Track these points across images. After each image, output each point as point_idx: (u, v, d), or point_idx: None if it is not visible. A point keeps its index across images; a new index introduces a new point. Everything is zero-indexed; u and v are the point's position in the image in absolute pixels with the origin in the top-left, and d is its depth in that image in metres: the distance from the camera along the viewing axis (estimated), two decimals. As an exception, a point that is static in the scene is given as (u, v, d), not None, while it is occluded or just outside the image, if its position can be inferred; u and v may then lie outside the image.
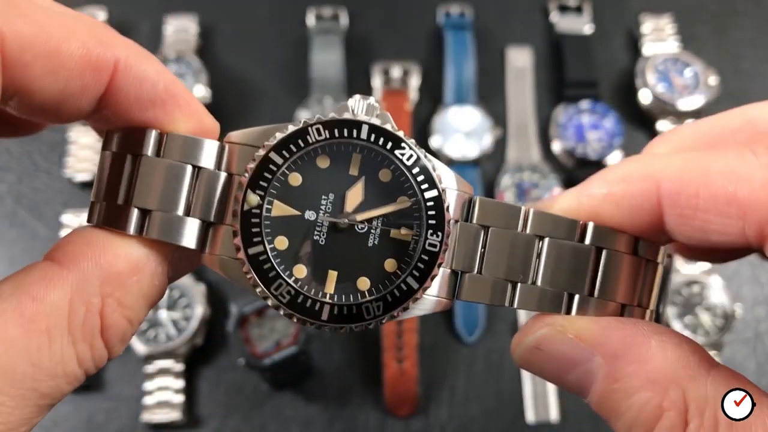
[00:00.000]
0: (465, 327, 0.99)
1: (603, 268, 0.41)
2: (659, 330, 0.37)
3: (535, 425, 0.95)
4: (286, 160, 0.39)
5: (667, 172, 0.36)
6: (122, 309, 0.35)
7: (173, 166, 0.38)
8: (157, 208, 0.38)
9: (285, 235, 0.39)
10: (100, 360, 0.36)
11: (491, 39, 1.18)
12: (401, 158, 0.40)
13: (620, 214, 0.39)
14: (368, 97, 0.41)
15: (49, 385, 0.33)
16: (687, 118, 1.10)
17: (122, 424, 0.94)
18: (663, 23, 1.18)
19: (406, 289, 0.40)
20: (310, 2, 1.17)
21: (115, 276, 0.35)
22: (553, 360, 0.39)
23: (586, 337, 0.38)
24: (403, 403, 0.94)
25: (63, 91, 0.34)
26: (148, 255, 0.37)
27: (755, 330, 1.01)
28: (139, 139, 0.38)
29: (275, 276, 0.39)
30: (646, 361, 0.35)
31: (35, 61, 0.33)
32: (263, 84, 1.15)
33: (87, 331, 0.34)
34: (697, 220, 0.35)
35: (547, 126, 1.12)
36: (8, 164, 1.07)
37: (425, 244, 0.39)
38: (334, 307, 0.39)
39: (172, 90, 0.38)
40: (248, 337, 0.91)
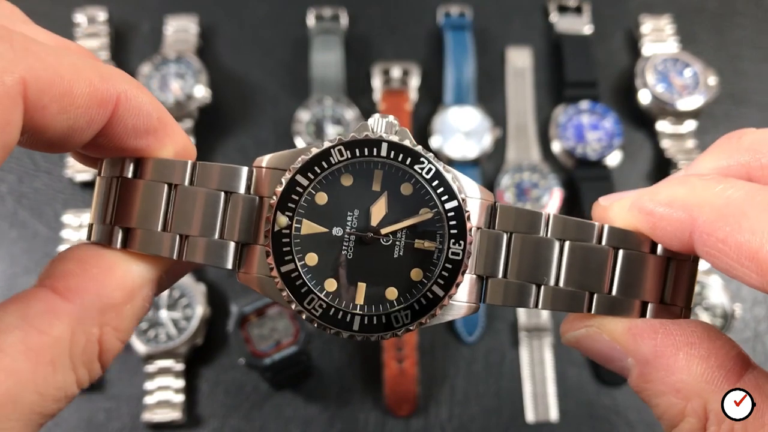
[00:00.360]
0: (465, 327, 0.99)
1: (621, 267, 0.42)
2: (690, 341, 0.38)
3: (535, 425, 0.95)
4: (311, 181, 0.41)
5: (705, 208, 0.37)
6: (117, 333, 0.38)
7: (210, 194, 0.41)
8: (195, 233, 0.41)
9: (315, 252, 0.42)
10: (95, 378, 0.38)
11: (491, 39, 1.19)
12: (421, 172, 0.42)
13: (656, 235, 0.41)
14: (387, 116, 0.43)
15: (51, 408, 0.35)
16: (686, 119, 1.10)
17: (123, 423, 0.94)
18: (662, 23, 1.18)
19: (432, 297, 0.41)
20: (310, 2, 1.17)
21: (113, 307, 0.37)
22: (592, 354, 0.43)
23: (620, 341, 0.41)
24: (403, 402, 0.94)
25: (72, 126, 0.37)
26: (143, 281, 0.39)
27: (755, 330, 1.01)
28: (175, 169, 0.41)
29: (307, 291, 0.41)
30: (672, 372, 0.38)
31: (51, 103, 0.35)
32: (263, 84, 1.15)
33: (87, 358, 0.36)
34: (722, 263, 0.36)
35: (547, 126, 1.12)
36: (9, 164, 1.07)
37: (448, 253, 0.41)
38: (364, 318, 0.41)
39: (164, 119, 0.41)
40: (248, 336, 0.91)
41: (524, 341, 0.99)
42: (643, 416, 0.95)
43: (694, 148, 1.09)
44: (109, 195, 0.42)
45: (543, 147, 1.11)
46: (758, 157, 0.40)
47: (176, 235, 0.41)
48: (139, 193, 0.41)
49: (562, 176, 1.08)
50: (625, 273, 0.42)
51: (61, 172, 1.06)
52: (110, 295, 0.37)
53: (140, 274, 0.40)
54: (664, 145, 1.09)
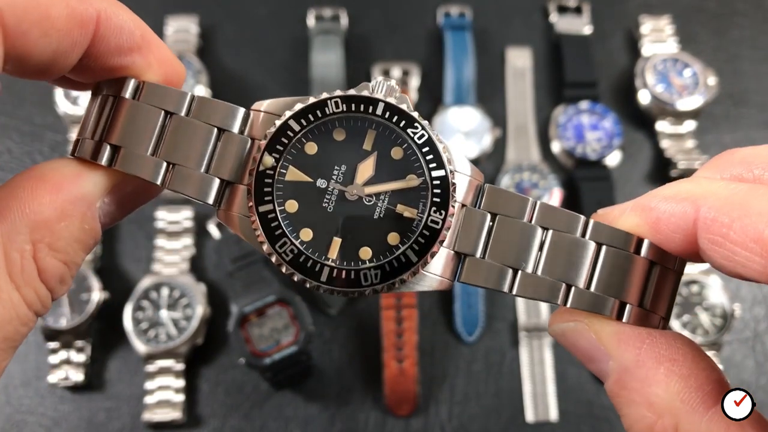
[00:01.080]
0: (465, 327, 0.99)
1: (602, 263, 0.42)
2: (674, 357, 0.38)
3: (535, 424, 0.96)
4: (303, 128, 0.42)
5: (710, 198, 0.37)
6: (55, 252, 0.37)
7: (203, 128, 0.42)
8: (182, 164, 0.41)
9: (296, 200, 0.42)
10: (45, 300, 0.38)
11: (491, 39, 1.19)
12: (413, 137, 0.42)
13: (659, 230, 0.40)
14: (390, 79, 0.43)
15: (7, 329, 0.36)
16: (686, 119, 1.10)
17: (123, 423, 0.94)
18: (662, 24, 1.18)
19: (405, 261, 0.41)
20: (310, 3, 1.17)
21: (43, 223, 0.37)
22: (575, 349, 0.42)
23: (605, 342, 0.40)
24: (403, 402, 0.94)
25: (56, 50, 0.37)
26: (73, 198, 0.39)
27: (754, 330, 1.01)
28: (174, 98, 0.42)
29: (281, 234, 0.41)
30: (650, 384, 0.37)
31: (31, 28, 0.35)
32: (263, 84, 1.15)
33: (27, 276, 0.37)
34: (725, 249, 0.36)
35: (547, 126, 1.12)
36: (9, 164, 1.08)
37: (428, 221, 0.41)
38: (333, 270, 0.41)
39: (147, 37, 0.41)
40: (248, 336, 0.91)
41: (524, 341, 0.99)
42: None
43: (694, 148, 1.09)
44: (102, 112, 0.42)
45: (543, 147, 1.11)
46: (751, 168, 0.39)
47: (163, 162, 0.41)
48: (134, 113, 0.41)
49: (562, 176, 1.08)
50: (605, 270, 0.42)
51: (61, 172, 1.06)
52: (36, 210, 0.37)
53: (71, 193, 0.39)
54: (663, 145, 1.10)
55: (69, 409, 0.95)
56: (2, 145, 1.09)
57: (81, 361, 0.95)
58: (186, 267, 1.00)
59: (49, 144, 1.09)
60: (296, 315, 0.92)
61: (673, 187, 0.40)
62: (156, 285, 0.97)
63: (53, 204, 0.37)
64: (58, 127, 1.09)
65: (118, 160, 0.40)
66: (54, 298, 0.39)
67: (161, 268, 1.00)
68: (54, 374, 0.94)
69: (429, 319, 1.00)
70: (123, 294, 0.97)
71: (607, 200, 1.06)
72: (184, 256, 1.01)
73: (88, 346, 0.96)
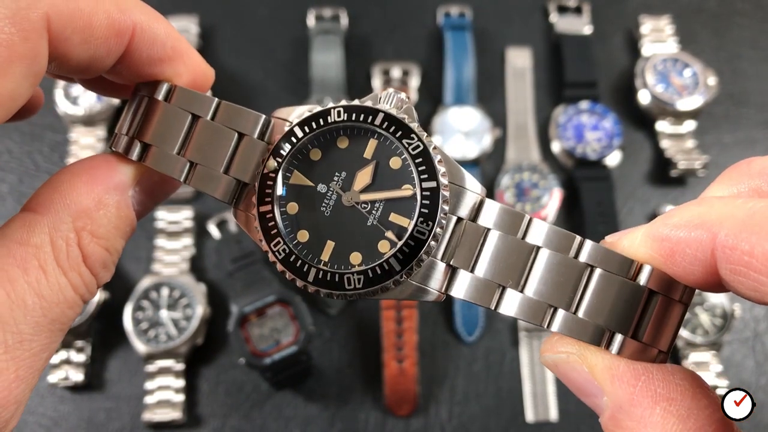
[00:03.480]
0: (465, 327, 0.99)
1: (593, 287, 0.40)
2: (671, 396, 0.35)
3: (535, 424, 0.96)
4: (306, 134, 0.44)
5: (726, 222, 0.34)
6: (97, 239, 0.40)
7: (226, 131, 0.44)
8: (204, 164, 0.44)
9: (297, 202, 0.44)
10: (91, 285, 0.40)
11: (491, 39, 1.19)
12: (408, 147, 0.43)
13: (675, 262, 0.37)
14: (400, 92, 0.44)
15: (55, 311, 0.38)
16: (686, 119, 1.10)
17: (123, 423, 0.94)
18: (662, 24, 1.18)
19: (387, 269, 0.42)
20: (310, 3, 1.18)
21: (83, 212, 0.40)
22: (567, 382, 0.40)
23: (597, 377, 0.38)
24: (403, 402, 0.94)
25: (93, 55, 0.40)
26: (108, 189, 0.42)
27: (754, 330, 1.01)
28: (201, 103, 0.45)
29: (276, 234, 0.43)
30: (645, 425, 0.35)
31: (73, 34, 0.38)
32: (263, 84, 1.15)
33: (72, 262, 0.39)
34: (749, 279, 0.33)
35: (547, 126, 1.12)
36: (9, 164, 1.08)
37: (414, 231, 0.42)
38: (320, 272, 0.43)
39: (178, 48, 0.45)
40: (248, 336, 0.91)
41: (524, 341, 0.99)
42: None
43: (694, 148, 1.09)
44: (137, 111, 0.45)
45: (543, 147, 1.11)
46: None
47: (187, 161, 0.44)
48: (164, 115, 0.44)
49: (562, 176, 1.08)
50: (597, 295, 0.39)
51: (61, 172, 1.06)
52: (76, 201, 0.40)
53: (105, 183, 0.42)
54: (663, 145, 1.10)
55: (69, 409, 0.95)
56: (2, 145, 1.09)
57: (81, 361, 0.95)
58: (186, 267, 1.00)
59: (49, 144, 1.09)
60: (296, 315, 0.92)
61: (684, 212, 0.37)
62: (156, 285, 0.97)
63: (90, 194, 0.41)
64: (58, 127, 1.09)
65: (147, 156, 0.44)
66: (99, 284, 0.41)
67: (161, 268, 1.00)
68: (54, 374, 0.94)
69: (429, 319, 1.00)
70: (123, 294, 0.97)
71: (607, 200, 1.06)
72: (184, 256, 1.01)
73: (88, 346, 0.96)
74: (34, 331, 0.37)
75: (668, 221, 0.37)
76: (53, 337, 0.38)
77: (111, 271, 0.42)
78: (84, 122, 1.07)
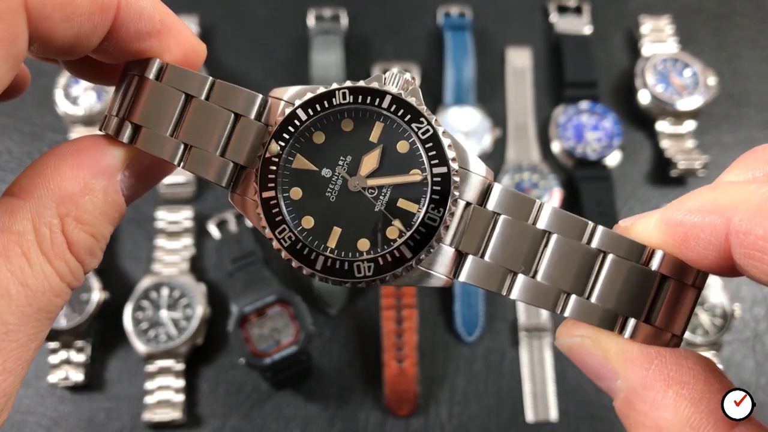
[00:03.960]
0: (465, 327, 0.99)
1: (606, 273, 0.40)
2: (684, 379, 0.36)
3: (535, 424, 0.96)
4: (310, 117, 0.42)
5: (740, 207, 0.34)
6: (82, 225, 0.39)
7: (221, 112, 0.42)
8: (199, 146, 0.42)
9: (300, 187, 0.42)
10: (77, 272, 0.39)
11: (491, 39, 1.19)
12: (417, 131, 0.42)
13: (689, 248, 0.38)
14: (405, 72, 0.43)
15: (41, 300, 0.36)
16: (686, 119, 1.10)
17: (123, 423, 0.94)
18: (662, 24, 1.18)
19: (398, 257, 0.41)
20: (310, 3, 1.18)
21: (68, 197, 0.38)
22: (582, 366, 0.41)
23: (611, 361, 0.39)
24: (403, 402, 0.94)
25: (77, 34, 0.38)
26: (95, 175, 0.40)
27: (754, 330, 1.01)
28: (195, 82, 0.42)
29: (281, 221, 0.42)
30: (658, 408, 0.36)
31: (54, 12, 0.36)
32: (263, 84, 1.15)
33: (57, 249, 0.37)
34: (763, 263, 0.33)
35: (547, 126, 1.12)
36: (9, 164, 1.08)
37: (425, 217, 0.41)
38: (328, 260, 0.42)
39: (167, 22, 0.42)
40: (248, 336, 0.91)
41: (524, 341, 0.99)
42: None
43: (694, 148, 1.09)
44: (127, 91, 0.43)
45: (543, 147, 1.11)
46: None
47: (181, 143, 0.42)
48: (156, 94, 0.42)
49: (562, 176, 1.08)
50: (609, 281, 0.40)
51: (61, 172, 1.06)
52: (61, 186, 0.38)
53: (92, 167, 0.40)
54: (663, 145, 1.10)
55: (69, 409, 0.95)
56: (2, 145, 1.09)
57: (81, 361, 0.95)
58: (186, 267, 1.00)
59: (49, 144, 1.09)
60: (296, 315, 0.92)
61: (697, 197, 0.37)
62: (156, 285, 0.97)
63: (76, 178, 0.39)
64: (58, 127, 1.09)
65: (138, 138, 0.42)
66: (86, 271, 0.40)
67: (161, 268, 1.00)
68: (54, 374, 0.94)
69: (429, 319, 1.00)
70: (123, 294, 0.97)
71: (607, 200, 1.06)
72: (184, 256, 1.01)
73: (88, 346, 0.96)
74: (20, 322, 0.35)
75: (682, 206, 0.38)
76: (40, 327, 0.37)
77: (98, 257, 0.41)
78: (84, 122, 1.07)
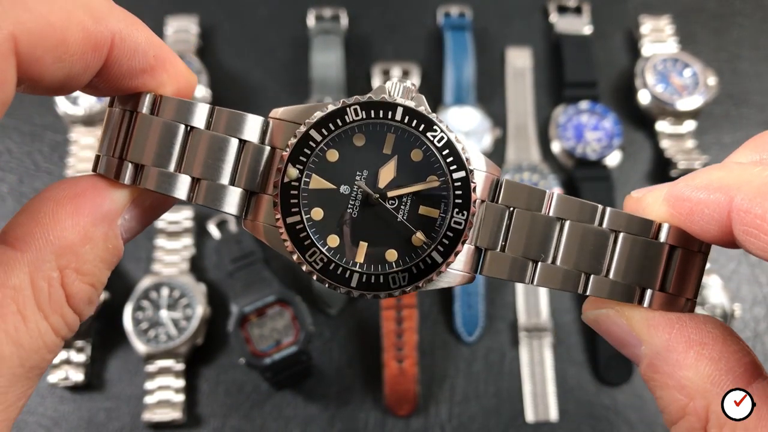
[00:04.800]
0: (465, 327, 0.99)
1: (620, 250, 0.43)
2: (704, 341, 0.38)
3: (535, 424, 0.96)
4: (324, 137, 0.42)
5: (743, 186, 0.36)
6: (82, 276, 0.37)
7: (225, 140, 0.42)
8: (208, 178, 0.41)
9: (321, 207, 0.43)
10: (73, 325, 0.37)
11: (491, 39, 1.19)
12: (432, 140, 0.43)
13: (694, 221, 0.40)
14: (405, 80, 0.44)
15: (34, 358, 0.35)
16: (686, 119, 1.10)
17: (123, 423, 0.94)
18: (662, 24, 1.18)
19: (431, 263, 0.42)
20: (311, 3, 1.18)
21: (68, 248, 0.36)
22: (608, 335, 0.43)
23: (635, 328, 0.41)
24: (403, 402, 0.94)
25: (68, 74, 0.36)
26: (96, 223, 0.38)
27: (754, 330, 1.01)
28: (193, 112, 0.41)
29: (310, 244, 0.42)
30: (680, 368, 0.38)
31: (45, 54, 0.34)
32: (263, 84, 1.15)
33: (55, 304, 0.36)
34: (760, 240, 0.35)
35: (547, 126, 1.12)
36: (9, 164, 1.08)
37: (451, 222, 0.42)
38: (363, 276, 0.42)
39: (160, 56, 0.40)
40: (248, 336, 0.91)
41: (524, 341, 0.99)
42: (643, 416, 0.96)
43: (694, 148, 1.09)
44: (120, 128, 0.41)
45: (543, 147, 1.11)
46: None
47: (188, 178, 0.41)
48: (154, 129, 0.41)
49: (562, 176, 1.08)
50: (624, 257, 0.42)
51: (61, 173, 1.06)
52: (60, 236, 0.36)
53: (93, 214, 0.38)
54: (663, 145, 1.10)
55: (69, 409, 0.95)
56: (2, 145, 1.09)
57: (81, 361, 0.95)
58: (186, 267, 1.00)
59: (49, 144, 1.09)
60: (296, 315, 0.92)
61: (705, 175, 0.39)
62: (156, 285, 0.97)
63: (76, 227, 0.37)
64: (58, 127, 1.09)
65: (142, 178, 0.40)
66: (82, 320, 0.38)
67: (161, 268, 1.00)
68: (54, 374, 0.94)
69: (429, 319, 1.00)
70: (123, 294, 0.97)
71: (606, 200, 1.06)
72: (184, 256, 1.01)
73: (88, 346, 0.96)
74: (9, 383, 0.33)
75: (690, 183, 0.40)
76: (30, 384, 0.35)
77: (95, 304, 0.39)
78: (84, 122, 1.07)
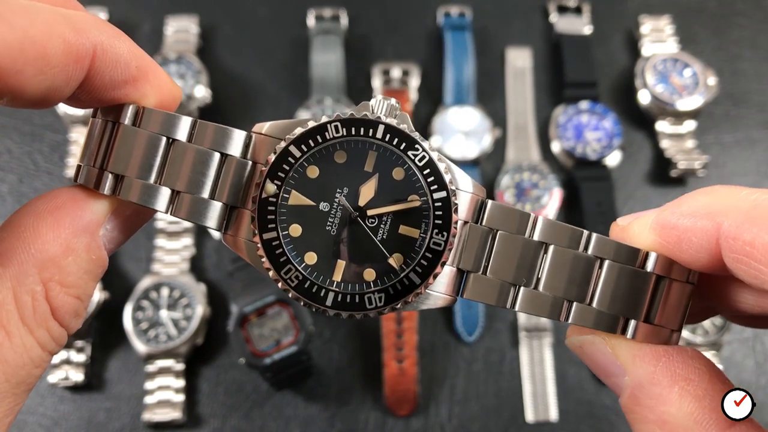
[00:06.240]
0: (465, 327, 0.99)
1: (604, 279, 0.41)
2: (689, 376, 0.37)
3: (535, 424, 0.96)
4: (304, 154, 0.41)
5: (730, 212, 0.35)
6: (66, 289, 0.36)
7: (206, 153, 0.41)
8: (187, 191, 0.41)
9: (299, 224, 0.42)
10: (60, 339, 0.37)
11: (491, 39, 1.19)
12: (413, 159, 0.42)
13: (682, 250, 0.39)
14: (390, 99, 0.43)
15: (20, 374, 0.34)
16: (686, 119, 1.10)
17: (123, 423, 0.94)
18: (662, 24, 1.18)
19: (408, 284, 0.41)
20: (310, 2, 1.17)
21: (50, 260, 0.36)
22: (591, 363, 0.42)
23: (621, 357, 0.40)
24: (403, 402, 0.94)
25: (50, 86, 0.35)
26: (77, 234, 0.37)
27: (754, 330, 1.01)
28: (176, 124, 0.41)
29: (285, 261, 0.41)
30: (663, 402, 0.37)
31: (26, 67, 0.33)
32: (263, 84, 1.15)
33: (39, 318, 0.35)
34: (750, 267, 0.34)
35: (547, 126, 1.12)
36: (9, 165, 1.08)
37: (430, 243, 0.41)
38: (338, 295, 0.41)
39: (143, 67, 0.40)
40: (248, 336, 0.91)
41: (524, 341, 0.99)
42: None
43: (694, 148, 1.09)
44: (102, 138, 0.41)
45: (543, 147, 1.11)
46: None
47: (168, 190, 0.41)
48: (136, 141, 0.40)
49: (562, 176, 1.08)
50: (608, 286, 0.41)
51: (61, 173, 1.06)
52: (42, 249, 0.35)
53: (74, 226, 0.37)
54: (663, 145, 1.10)
55: (69, 409, 0.95)
56: (2, 145, 1.09)
57: (81, 361, 0.95)
58: (186, 267, 1.00)
59: (49, 144, 1.09)
60: (296, 315, 0.92)
61: (691, 200, 0.38)
62: (156, 285, 0.97)
63: (57, 239, 0.36)
64: (58, 127, 1.09)
65: (121, 189, 0.40)
66: (69, 333, 0.38)
67: (161, 268, 1.00)
68: (54, 374, 0.94)
69: (429, 319, 1.00)
70: (123, 294, 0.97)
71: (606, 200, 1.06)
72: (184, 256, 1.01)
73: (88, 346, 0.96)
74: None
75: (677, 209, 0.39)
76: (18, 400, 0.35)
77: (83, 316, 0.38)
78: (84, 122, 1.06)
